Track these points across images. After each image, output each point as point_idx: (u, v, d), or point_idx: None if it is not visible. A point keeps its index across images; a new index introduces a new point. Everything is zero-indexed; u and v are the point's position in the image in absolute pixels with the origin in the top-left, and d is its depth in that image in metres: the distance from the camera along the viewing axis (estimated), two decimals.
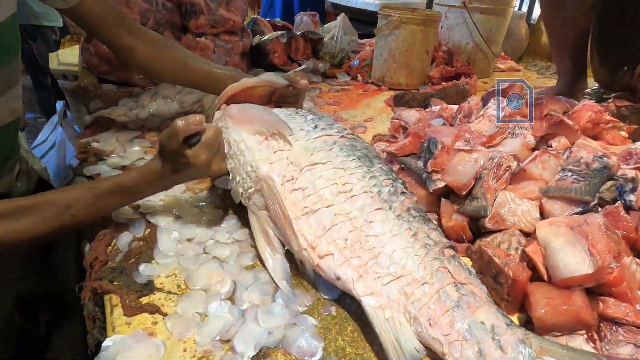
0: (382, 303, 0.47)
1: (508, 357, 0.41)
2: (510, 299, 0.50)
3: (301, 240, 0.54)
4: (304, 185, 0.58)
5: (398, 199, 0.56)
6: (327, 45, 1.52)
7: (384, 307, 0.47)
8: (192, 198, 0.72)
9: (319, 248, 0.53)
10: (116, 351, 0.44)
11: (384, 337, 0.45)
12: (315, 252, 0.53)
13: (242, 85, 0.77)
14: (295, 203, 0.57)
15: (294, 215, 0.56)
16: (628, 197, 0.55)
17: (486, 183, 0.62)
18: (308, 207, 0.56)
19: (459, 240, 0.64)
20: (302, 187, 0.58)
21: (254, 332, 0.48)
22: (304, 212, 0.56)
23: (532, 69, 1.79)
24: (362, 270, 0.50)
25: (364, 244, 0.51)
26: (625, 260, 0.47)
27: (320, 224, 0.54)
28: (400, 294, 0.47)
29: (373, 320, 0.46)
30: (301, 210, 0.56)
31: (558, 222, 0.52)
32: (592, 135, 0.72)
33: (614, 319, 0.45)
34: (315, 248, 0.53)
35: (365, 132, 1.05)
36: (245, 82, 0.77)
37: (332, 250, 0.52)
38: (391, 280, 0.48)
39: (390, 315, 0.47)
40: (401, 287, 0.48)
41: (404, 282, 0.48)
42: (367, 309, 0.47)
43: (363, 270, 0.50)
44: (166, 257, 0.58)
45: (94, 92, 1.09)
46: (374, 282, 0.49)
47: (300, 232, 0.55)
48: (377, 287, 0.48)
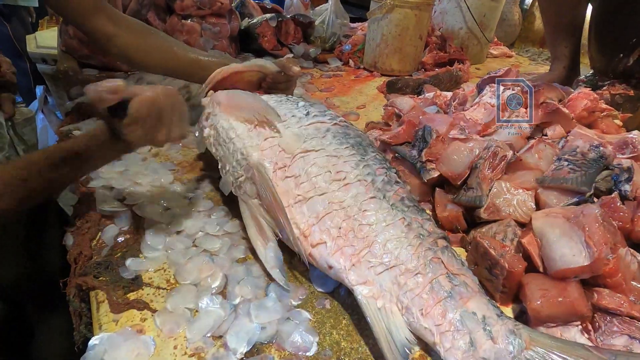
0: (374, 292, 0.47)
1: (498, 347, 0.41)
2: (506, 290, 0.50)
3: (294, 228, 0.53)
4: (297, 172, 0.56)
5: (392, 188, 0.56)
6: (318, 30, 1.48)
7: (376, 296, 0.47)
8: (181, 189, 0.70)
9: (312, 236, 0.52)
10: (103, 350, 0.43)
11: (376, 327, 0.44)
12: (308, 240, 0.52)
13: (230, 69, 0.74)
14: (288, 191, 0.55)
15: (286, 203, 0.54)
16: (623, 187, 0.55)
17: (482, 173, 0.61)
18: (301, 195, 0.55)
19: (453, 231, 0.63)
20: (294, 174, 0.56)
21: (247, 327, 0.46)
22: (296, 200, 0.55)
23: (525, 54, 1.78)
24: (355, 259, 0.49)
25: (357, 232, 0.50)
26: (620, 252, 0.47)
27: (313, 212, 0.53)
28: (393, 284, 0.47)
29: (365, 309, 0.46)
30: (294, 198, 0.55)
31: (554, 213, 0.51)
32: (587, 123, 0.72)
33: (608, 310, 0.45)
34: (307, 237, 0.52)
35: (357, 119, 1.03)
36: (234, 67, 0.74)
37: (325, 238, 0.51)
38: (384, 269, 0.48)
39: (383, 305, 0.46)
40: (394, 276, 0.47)
41: (397, 271, 0.47)
42: (360, 298, 0.46)
43: (356, 259, 0.49)
44: (154, 250, 0.57)
45: (75, 77, 1.04)
46: (367, 271, 0.48)
47: (292, 220, 0.53)
48: (370, 277, 0.48)
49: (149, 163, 0.76)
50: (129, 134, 0.50)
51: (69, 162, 0.52)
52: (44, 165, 0.52)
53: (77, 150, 0.52)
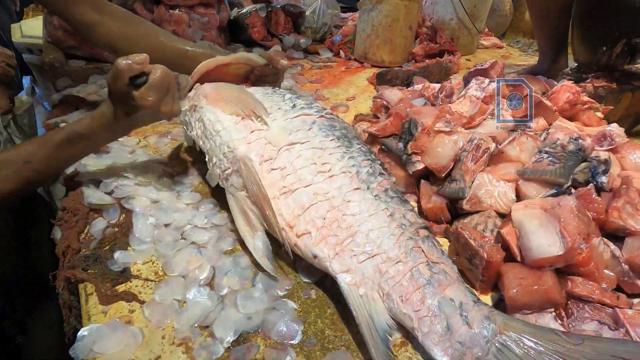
0: (357, 280, 0.48)
1: (473, 332, 0.43)
2: (485, 279, 0.52)
3: (279, 219, 0.54)
4: (282, 165, 0.57)
5: (376, 180, 0.57)
6: (308, 20, 1.46)
7: (358, 284, 0.48)
8: (169, 181, 0.70)
9: (297, 227, 0.53)
10: (92, 341, 0.44)
11: (358, 313, 0.46)
12: (293, 231, 0.53)
13: (217, 62, 0.73)
14: (274, 183, 0.56)
15: (272, 195, 0.55)
16: (600, 178, 0.57)
17: (465, 165, 0.62)
18: (286, 187, 0.55)
19: (438, 222, 0.65)
20: (280, 166, 0.57)
21: (234, 317, 0.48)
22: (282, 192, 0.55)
23: (515, 45, 1.78)
24: (339, 248, 0.50)
25: (341, 222, 0.52)
26: (593, 242, 0.48)
27: (298, 204, 0.54)
28: (375, 272, 0.48)
29: (348, 296, 0.47)
30: (279, 190, 0.56)
31: (532, 205, 0.53)
32: (569, 116, 0.73)
33: (581, 297, 0.47)
34: (293, 227, 0.53)
35: (347, 111, 1.04)
36: (220, 59, 0.74)
37: (310, 229, 0.52)
38: (367, 258, 0.49)
39: (365, 292, 0.48)
40: (376, 265, 0.49)
41: (379, 260, 0.49)
42: (342, 285, 0.48)
43: (340, 249, 0.50)
44: (142, 243, 0.57)
45: (61, 68, 1.03)
46: (350, 260, 0.49)
47: (278, 211, 0.54)
48: (353, 265, 0.49)
49: (137, 156, 0.76)
50: (143, 100, 0.55)
51: (74, 143, 0.57)
52: (46, 146, 0.56)
53: (81, 132, 0.57)
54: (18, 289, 0.77)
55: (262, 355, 0.44)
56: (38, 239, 0.83)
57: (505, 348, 0.42)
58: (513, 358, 0.41)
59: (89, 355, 0.43)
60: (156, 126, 0.89)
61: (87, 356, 0.43)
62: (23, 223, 0.80)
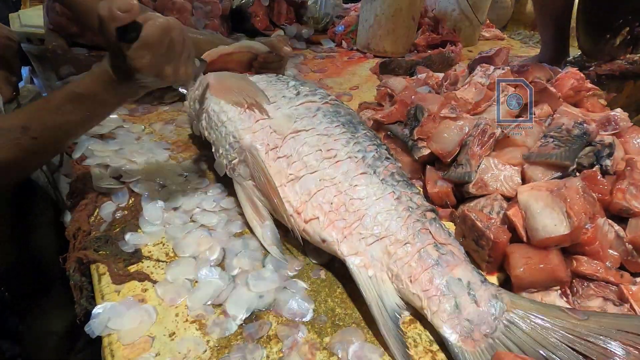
0: (365, 262, 0.49)
1: (481, 310, 0.44)
2: (491, 260, 0.53)
3: (287, 206, 0.54)
4: (288, 152, 0.57)
5: (382, 164, 0.57)
6: (311, 10, 1.46)
7: (367, 266, 0.49)
8: (176, 166, 0.71)
9: (305, 213, 0.53)
10: (107, 318, 0.44)
11: (367, 294, 0.47)
12: (301, 217, 0.54)
13: (219, 52, 0.73)
14: (280, 170, 0.57)
15: (279, 183, 0.56)
16: (604, 162, 0.58)
17: (471, 150, 0.63)
18: (293, 174, 0.56)
19: (443, 206, 0.66)
20: (286, 154, 0.57)
21: (245, 296, 0.48)
22: (289, 179, 0.56)
23: (516, 37, 1.78)
24: (347, 231, 0.51)
25: (348, 206, 0.52)
26: (599, 222, 0.49)
27: (305, 190, 0.54)
28: (384, 254, 0.49)
29: (357, 278, 0.48)
30: (286, 177, 0.56)
31: (538, 186, 0.54)
32: (573, 102, 0.74)
33: (586, 276, 0.48)
34: (300, 213, 0.54)
35: (351, 100, 1.04)
36: (222, 49, 0.74)
37: (318, 214, 0.53)
38: (375, 240, 0.50)
39: (374, 274, 0.48)
40: (384, 246, 0.49)
41: (387, 242, 0.49)
42: (352, 267, 0.49)
43: (348, 232, 0.51)
44: (152, 225, 0.58)
45: (64, 56, 1.02)
46: (358, 242, 0.50)
47: (286, 198, 0.55)
48: (362, 247, 0.50)
49: (144, 142, 0.77)
50: (137, 60, 0.46)
51: (73, 104, 0.49)
52: (45, 110, 0.49)
53: (80, 91, 0.49)
54: (18, 279, 0.77)
55: (274, 331, 0.45)
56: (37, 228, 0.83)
57: (512, 325, 0.43)
58: (520, 334, 0.42)
59: (104, 332, 0.44)
60: (161, 113, 0.89)
61: (102, 332, 0.44)
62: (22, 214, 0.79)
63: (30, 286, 0.77)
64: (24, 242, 0.78)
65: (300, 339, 0.45)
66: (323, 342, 0.45)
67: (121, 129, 0.80)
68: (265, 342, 0.44)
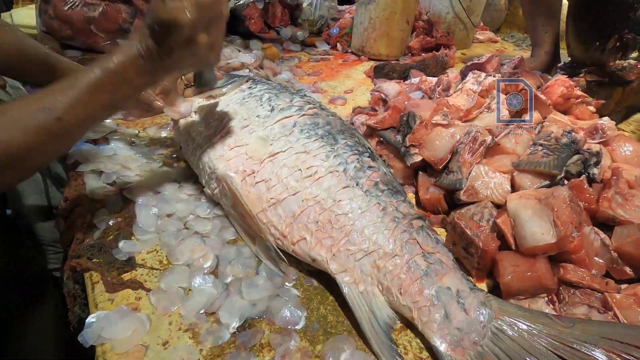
0: (356, 278, 0.49)
1: (470, 318, 0.45)
2: (481, 267, 0.54)
3: (272, 230, 0.55)
4: (267, 177, 0.57)
5: (365, 174, 0.57)
6: (305, 12, 1.46)
7: (357, 281, 0.49)
8: (171, 172, 0.71)
9: (291, 235, 0.53)
10: (100, 327, 0.45)
11: (358, 310, 0.47)
12: (288, 239, 0.54)
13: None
14: (260, 196, 0.56)
15: (260, 208, 0.55)
16: (592, 170, 0.59)
17: (462, 157, 0.64)
18: (274, 198, 0.55)
19: (435, 212, 0.67)
20: (264, 179, 0.57)
21: (239, 304, 0.49)
22: (270, 204, 0.55)
23: (510, 40, 1.80)
24: (335, 249, 0.51)
25: (334, 223, 0.52)
26: (585, 230, 0.50)
27: (289, 213, 0.54)
28: (373, 268, 0.50)
29: (348, 295, 0.48)
30: (267, 202, 0.56)
31: (527, 195, 0.55)
32: (562, 109, 0.75)
33: (572, 283, 0.49)
34: (287, 236, 0.54)
35: (345, 104, 1.05)
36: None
37: (304, 234, 0.53)
38: (364, 255, 0.50)
39: (365, 289, 0.49)
40: (373, 261, 0.50)
41: (375, 256, 0.50)
42: (342, 285, 0.49)
43: (336, 249, 0.51)
44: (146, 233, 0.58)
45: None
46: (347, 259, 0.50)
47: (270, 223, 0.55)
48: (351, 264, 0.50)
49: (138, 147, 0.77)
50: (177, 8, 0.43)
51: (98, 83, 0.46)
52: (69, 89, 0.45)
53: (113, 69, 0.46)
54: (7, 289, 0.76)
55: (267, 340, 0.46)
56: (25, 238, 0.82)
57: (500, 332, 0.44)
58: (508, 341, 0.43)
59: (98, 341, 0.44)
60: (155, 117, 0.89)
61: (95, 342, 0.44)
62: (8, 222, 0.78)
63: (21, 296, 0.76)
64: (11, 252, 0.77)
65: (293, 347, 0.45)
66: (315, 350, 0.45)
67: (115, 133, 0.80)
68: (258, 350, 0.45)
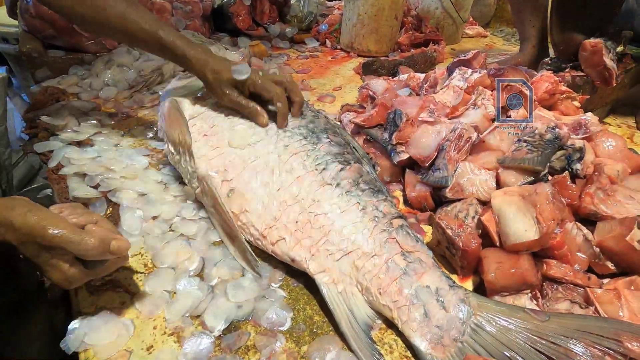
0: (334, 278, 0.49)
1: (450, 315, 0.45)
2: (465, 265, 0.54)
3: (252, 231, 0.54)
4: (247, 177, 0.57)
5: (346, 174, 0.57)
6: (294, 9, 1.45)
7: (336, 281, 0.49)
8: (156, 173, 0.70)
9: (270, 235, 0.53)
10: (83, 333, 0.44)
11: (337, 310, 0.47)
12: (267, 240, 0.54)
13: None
14: (241, 196, 0.56)
15: (241, 209, 0.55)
16: (575, 165, 0.59)
17: (448, 154, 0.64)
18: (254, 198, 0.55)
19: (422, 209, 0.67)
20: (245, 179, 0.57)
21: (224, 306, 0.49)
22: (250, 204, 0.55)
23: (499, 35, 1.80)
24: (314, 249, 0.51)
25: (314, 223, 0.52)
26: (567, 226, 0.51)
27: (268, 213, 0.54)
28: (352, 268, 0.50)
29: (326, 295, 0.48)
30: (247, 202, 0.55)
31: (511, 192, 0.55)
32: (548, 105, 0.76)
33: (555, 279, 0.50)
34: (266, 236, 0.54)
35: (333, 101, 1.04)
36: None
37: (284, 235, 0.53)
38: (342, 255, 0.50)
39: (343, 289, 0.49)
40: (352, 261, 0.50)
41: (354, 256, 0.50)
42: (321, 285, 0.49)
43: (315, 250, 0.51)
44: (131, 236, 0.57)
45: (40, 59, 1.00)
46: (326, 259, 0.50)
47: (250, 223, 0.55)
48: (329, 264, 0.50)
49: (122, 149, 0.76)
50: None
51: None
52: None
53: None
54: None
55: (252, 342, 0.46)
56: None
57: (479, 328, 0.44)
58: (487, 337, 0.43)
59: (81, 347, 0.44)
60: (141, 118, 0.88)
61: (78, 348, 0.43)
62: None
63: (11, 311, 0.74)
64: None
65: (278, 349, 0.45)
66: (301, 351, 0.45)
67: (99, 135, 0.79)
68: (244, 352, 0.45)
